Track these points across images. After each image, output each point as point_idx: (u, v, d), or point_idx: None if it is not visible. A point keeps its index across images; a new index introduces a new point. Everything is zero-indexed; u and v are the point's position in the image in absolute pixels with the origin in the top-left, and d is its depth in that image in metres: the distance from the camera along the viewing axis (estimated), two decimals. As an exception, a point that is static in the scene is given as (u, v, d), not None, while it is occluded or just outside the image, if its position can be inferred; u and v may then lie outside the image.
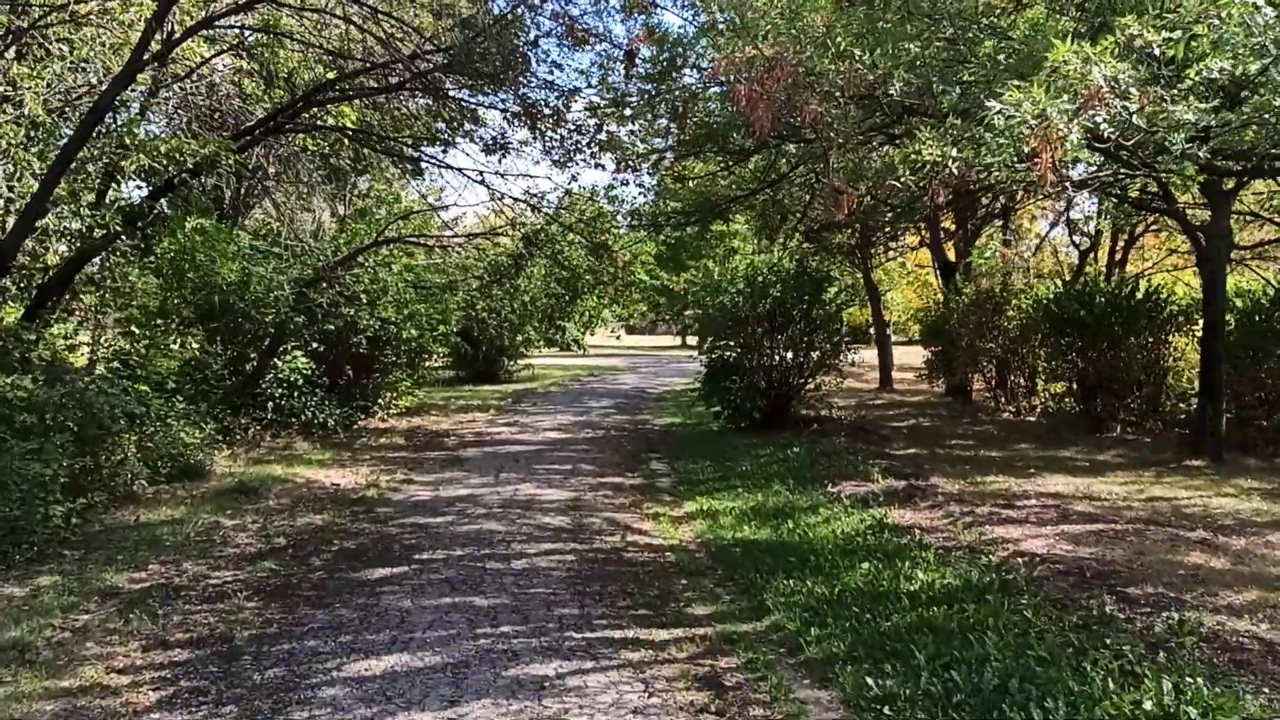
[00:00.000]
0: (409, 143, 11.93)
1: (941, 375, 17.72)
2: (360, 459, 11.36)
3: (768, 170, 12.15)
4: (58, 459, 6.82)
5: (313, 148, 13.30)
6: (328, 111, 10.95)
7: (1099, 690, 3.89)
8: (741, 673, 4.68)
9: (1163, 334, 12.39)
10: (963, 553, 6.40)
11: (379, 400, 14.98)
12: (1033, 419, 14.29)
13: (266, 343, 12.13)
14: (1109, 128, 4.19)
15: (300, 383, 12.43)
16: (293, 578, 6.30)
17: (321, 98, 9.81)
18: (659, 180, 13.83)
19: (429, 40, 9.52)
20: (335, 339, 13.02)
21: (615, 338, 51.93)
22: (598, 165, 11.18)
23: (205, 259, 10.86)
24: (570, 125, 10.24)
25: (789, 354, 13.29)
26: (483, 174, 11.28)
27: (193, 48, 9.35)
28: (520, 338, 22.23)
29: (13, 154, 7.90)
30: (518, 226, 13.07)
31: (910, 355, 25.37)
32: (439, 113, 11.49)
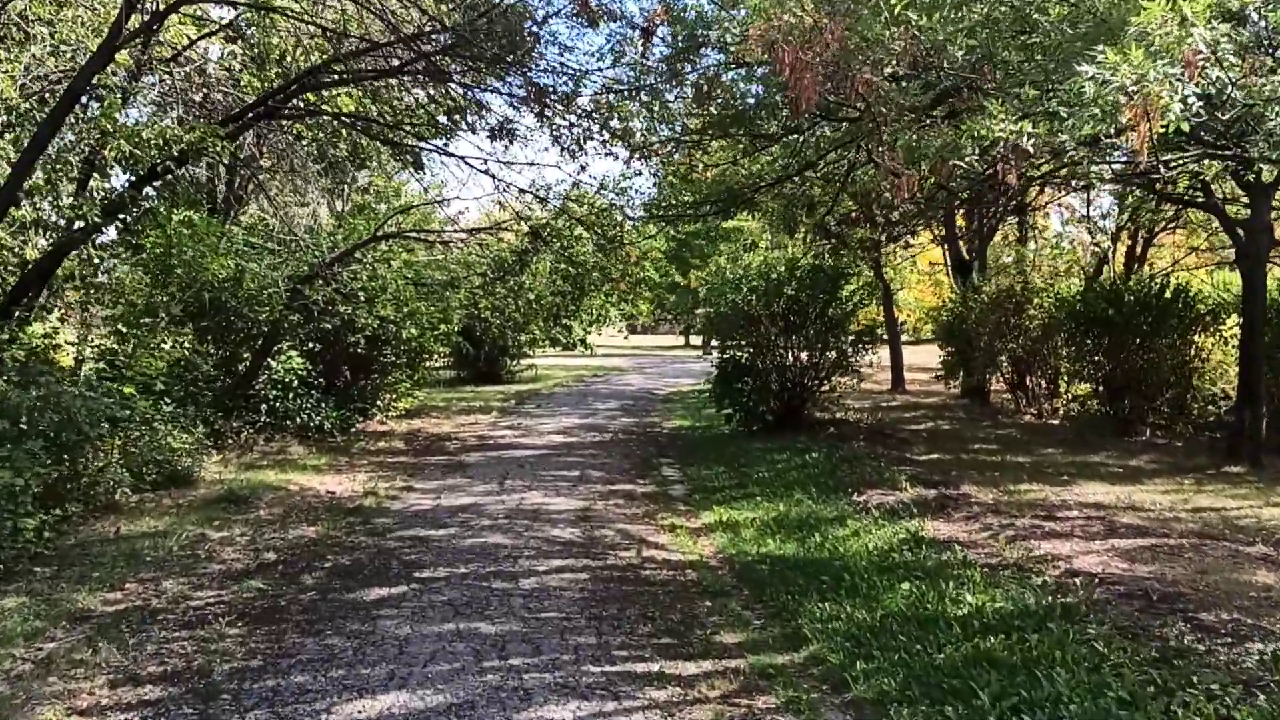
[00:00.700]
0: (409, 129, 11.36)
1: (958, 376, 17.22)
2: (357, 464, 10.85)
3: (796, 155, 11.52)
4: (30, 467, 6.32)
5: (308, 137, 12.77)
6: (323, 97, 10.41)
7: (1200, 743, 3.40)
8: (782, 715, 4.17)
9: (1190, 334, 11.98)
10: (1010, 571, 5.91)
11: (377, 402, 14.48)
12: (1055, 422, 13.83)
13: (260, 342, 11.61)
14: (1198, 103, 3.68)
15: (295, 384, 11.89)
16: (281, 599, 5.78)
17: (317, 80, 9.24)
18: (675, 170, 13.22)
19: (431, 20, 8.96)
20: (332, 338, 12.50)
21: (624, 337, 51.38)
22: (609, 154, 10.57)
23: (193, 254, 10.35)
24: (581, 110, 9.67)
25: (804, 354, 12.81)
26: (487, 163, 10.83)
27: (180, 29, 8.81)
28: (525, 337, 21.70)
29: (-15, 141, 7.39)
30: (523, 220, 12.51)
31: (919, 355, 24.85)
32: (441, 103, 10.94)
